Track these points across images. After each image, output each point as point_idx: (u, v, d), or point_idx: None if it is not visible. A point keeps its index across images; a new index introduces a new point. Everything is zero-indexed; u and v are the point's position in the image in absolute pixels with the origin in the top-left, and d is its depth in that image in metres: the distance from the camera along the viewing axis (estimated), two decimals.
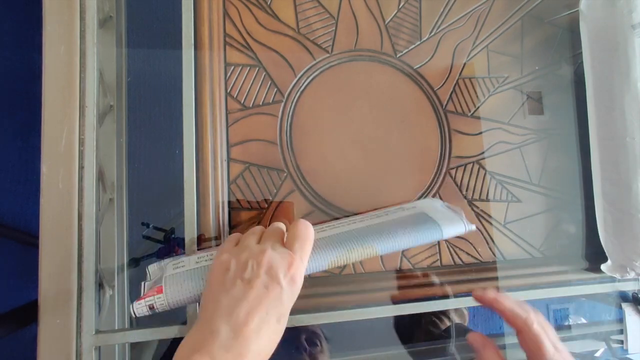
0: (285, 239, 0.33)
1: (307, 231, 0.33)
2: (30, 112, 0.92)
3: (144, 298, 0.33)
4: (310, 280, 0.44)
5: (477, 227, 0.43)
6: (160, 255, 0.62)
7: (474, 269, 0.47)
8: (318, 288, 0.44)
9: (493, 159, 0.50)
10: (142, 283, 0.36)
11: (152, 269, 0.37)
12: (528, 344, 0.35)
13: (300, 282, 0.31)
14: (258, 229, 0.35)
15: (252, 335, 0.27)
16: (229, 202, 0.43)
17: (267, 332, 0.28)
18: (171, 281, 0.34)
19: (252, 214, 0.43)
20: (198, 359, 0.26)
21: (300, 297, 0.43)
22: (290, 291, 0.30)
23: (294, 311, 0.42)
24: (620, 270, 0.48)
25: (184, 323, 0.39)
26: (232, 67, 0.45)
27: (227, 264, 0.31)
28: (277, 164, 0.45)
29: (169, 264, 0.36)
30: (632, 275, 0.48)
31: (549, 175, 0.52)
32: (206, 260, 0.36)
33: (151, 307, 0.33)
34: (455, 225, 0.41)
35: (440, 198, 0.48)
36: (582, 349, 0.52)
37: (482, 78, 0.51)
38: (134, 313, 0.33)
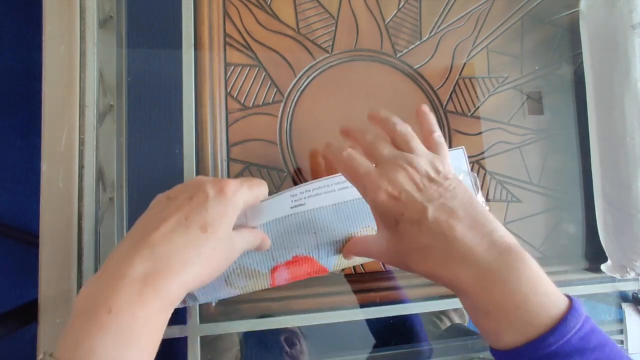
0: None
1: (260, 182, 0.30)
2: (30, 111, 0.92)
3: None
4: (310, 281, 0.44)
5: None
6: None
7: None
8: (318, 288, 0.44)
9: (493, 159, 0.50)
10: None
11: None
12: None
13: (232, 197, 0.26)
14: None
15: (159, 239, 0.24)
16: None
17: (184, 237, 0.24)
18: None
19: None
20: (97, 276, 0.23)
21: (300, 297, 0.43)
22: (217, 200, 0.26)
23: (294, 311, 0.42)
24: (621, 270, 0.48)
25: (184, 323, 0.39)
26: (232, 67, 0.45)
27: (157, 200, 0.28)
28: (277, 164, 0.45)
29: None
30: (632, 275, 0.48)
31: (549, 175, 0.52)
32: None
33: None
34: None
35: None
36: None
37: (482, 78, 0.51)
38: None
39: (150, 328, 0.22)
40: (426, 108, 0.33)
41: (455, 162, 0.39)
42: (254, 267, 0.34)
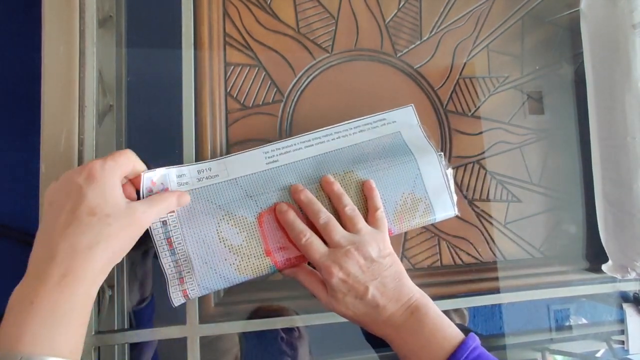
0: None
1: (121, 151, 0.32)
2: (30, 111, 0.91)
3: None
4: None
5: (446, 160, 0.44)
6: None
7: (474, 269, 0.47)
8: None
9: (493, 158, 0.50)
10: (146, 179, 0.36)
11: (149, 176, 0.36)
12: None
13: (102, 174, 0.29)
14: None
15: (60, 238, 0.27)
16: None
17: (79, 227, 0.28)
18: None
19: None
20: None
21: (300, 297, 0.43)
22: (90, 184, 0.29)
23: (294, 312, 0.42)
24: (621, 271, 0.48)
25: (184, 323, 0.39)
26: (232, 67, 0.45)
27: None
28: None
29: (170, 173, 0.37)
30: (633, 275, 0.47)
31: (549, 175, 0.52)
32: (207, 179, 0.38)
33: (164, 224, 0.36)
34: (427, 156, 0.42)
35: None
36: (583, 349, 0.52)
37: (483, 78, 0.51)
38: (150, 229, 0.35)
39: (75, 308, 0.27)
40: (373, 184, 0.39)
41: (406, 117, 0.44)
42: (241, 214, 0.37)
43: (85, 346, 0.36)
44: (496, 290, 0.47)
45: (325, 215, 0.36)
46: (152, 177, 0.36)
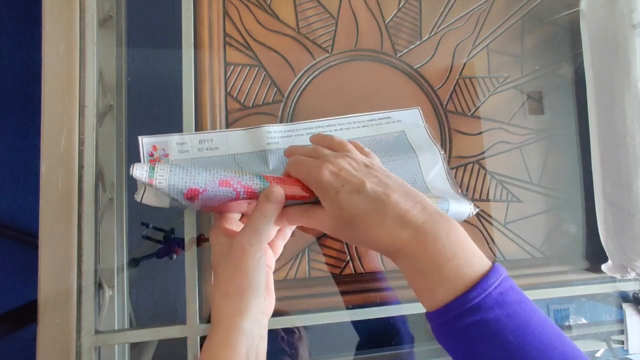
0: None
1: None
2: (30, 111, 0.92)
3: (153, 183, 0.31)
4: (311, 281, 0.44)
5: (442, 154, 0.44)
6: (160, 255, 0.62)
7: None
8: (318, 288, 0.43)
9: (493, 158, 0.50)
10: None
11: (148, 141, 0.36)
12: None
13: (213, 243, 0.33)
14: None
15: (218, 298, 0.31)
16: None
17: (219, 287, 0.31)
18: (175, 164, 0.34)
19: None
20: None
21: (300, 297, 0.43)
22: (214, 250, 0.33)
23: (294, 311, 0.42)
24: (621, 271, 0.48)
25: (184, 323, 0.39)
26: (232, 67, 0.45)
27: None
28: None
29: (172, 140, 0.37)
30: (632, 275, 0.48)
31: (549, 175, 0.52)
32: (208, 149, 0.38)
33: (150, 183, 0.31)
34: (433, 158, 0.43)
35: None
36: (582, 349, 0.52)
37: (483, 78, 0.51)
38: (132, 171, 0.31)
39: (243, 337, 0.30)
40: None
41: (412, 118, 0.44)
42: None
43: (85, 346, 0.36)
44: None
45: (316, 146, 0.35)
46: (152, 142, 0.36)
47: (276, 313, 0.40)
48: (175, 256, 0.60)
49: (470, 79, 0.51)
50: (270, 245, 0.37)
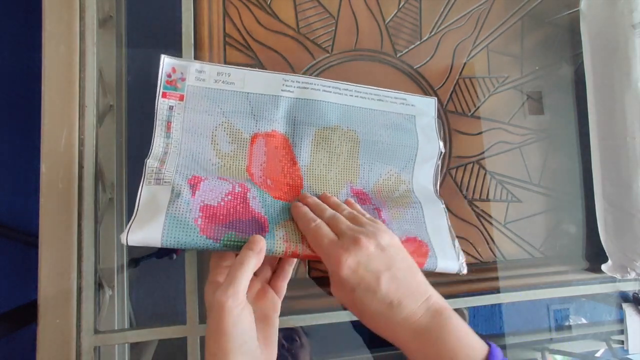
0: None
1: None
2: (30, 111, 0.92)
3: (167, 97, 0.37)
4: (310, 281, 0.44)
5: (441, 148, 0.46)
6: (160, 255, 0.62)
7: (474, 269, 0.47)
8: (318, 288, 0.43)
9: (493, 159, 0.50)
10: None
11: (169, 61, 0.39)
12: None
13: (206, 298, 0.33)
14: None
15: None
16: None
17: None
18: (192, 92, 0.38)
19: None
20: None
21: (300, 297, 0.43)
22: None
23: (294, 311, 0.42)
24: (621, 271, 0.48)
25: (184, 323, 0.39)
26: None
27: None
28: None
29: (191, 66, 0.39)
30: (632, 275, 0.48)
31: (549, 175, 0.52)
32: (224, 83, 0.39)
33: (171, 108, 0.37)
34: (430, 147, 0.44)
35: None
36: (582, 349, 0.52)
37: (482, 78, 0.51)
38: (157, 108, 0.37)
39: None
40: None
41: (426, 106, 0.46)
42: (239, 127, 0.39)
43: (85, 346, 0.36)
44: (496, 290, 0.47)
45: (331, 212, 0.35)
46: (173, 64, 0.38)
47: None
48: (175, 256, 0.60)
49: (470, 79, 0.51)
50: (273, 287, 0.36)
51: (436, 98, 0.47)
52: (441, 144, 0.45)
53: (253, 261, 0.31)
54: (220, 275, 0.33)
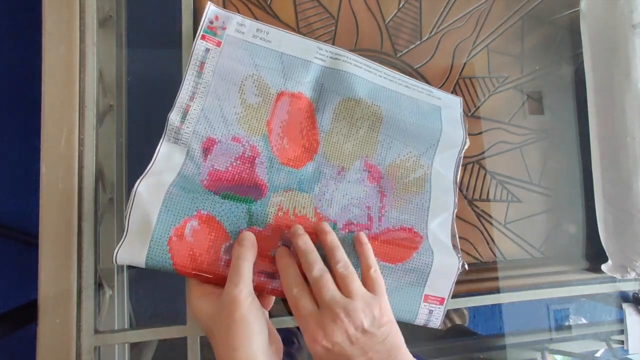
0: None
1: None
2: (30, 112, 0.92)
3: (206, 39, 0.39)
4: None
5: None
6: None
7: (474, 269, 0.47)
8: None
9: (493, 158, 0.50)
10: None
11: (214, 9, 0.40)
12: None
13: (197, 313, 0.33)
14: None
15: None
16: None
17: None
18: (230, 41, 0.39)
19: None
20: None
21: None
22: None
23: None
24: (621, 271, 0.48)
25: (184, 323, 0.39)
26: None
27: None
28: None
29: (234, 18, 0.40)
30: (632, 275, 0.48)
31: (549, 175, 0.52)
32: (261, 39, 0.40)
33: (207, 50, 0.39)
34: (455, 136, 0.44)
35: None
36: (582, 349, 0.52)
37: (482, 78, 0.51)
38: (194, 47, 0.38)
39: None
40: (364, 238, 0.36)
41: (451, 102, 0.46)
42: (268, 82, 0.39)
43: (85, 346, 0.36)
44: (496, 290, 0.47)
45: (319, 269, 0.32)
46: (217, 12, 0.39)
47: (275, 313, 0.40)
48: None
49: (470, 79, 0.51)
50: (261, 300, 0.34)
51: (462, 98, 0.47)
52: (466, 135, 0.45)
53: (250, 253, 0.32)
54: (201, 288, 0.33)
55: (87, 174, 0.38)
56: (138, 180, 0.34)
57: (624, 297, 0.53)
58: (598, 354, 0.54)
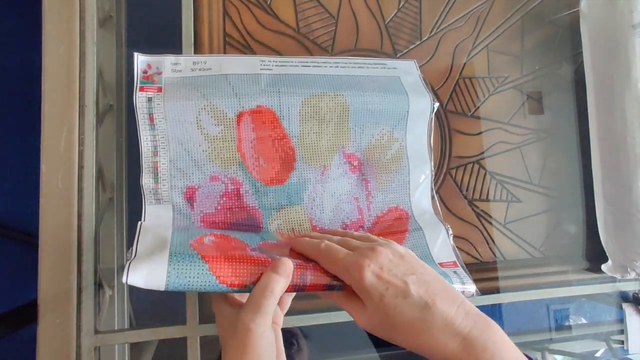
0: None
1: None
2: (30, 112, 0.92)
3: (145, 90, 0.37)
4: None
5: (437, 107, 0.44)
6: None
7: (474, 269, 0.47)
8: None
9: (493, 159, 0.50)
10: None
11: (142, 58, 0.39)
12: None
13: (217, 313, 0.32)
14: None
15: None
16: None
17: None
18: (169, 83, 0.38)
19: None
20: None
21: (300, 297, 0.43)
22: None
23: (294, 311, 0.42)
24: (621, 271, 0.48)
25: (184, 323, 0.39)
26: None
27: None
28: None
29: (166, 60, 0.39)
30: (632, 275, 0.48)
31: (549, 175, 0.52)
32: (200, 70, 0.39)
33: (150, 100, 0.37)
34: (421, 101, 0.43)
35: (441, 199, 0.48)
36: (582, 349, 0.52)
37: (482, 78, 0.51)
38: (135, 101, 0.36)
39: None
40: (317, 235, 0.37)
41: (407, 68, 0.45)
42: (222, 107, 0.38)
43: (85, 346, 0.36)
44: (496, 290, 0.47)
45: (337, 238, 0.33)
46: (147, 61, 0.38)
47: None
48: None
49: (470, 79, 0.51)
50: (279, 302, 0.33)
51: (415, 60, 0.45)
52: (431, 96, 0.43)
53: (281, 285, 0.29)
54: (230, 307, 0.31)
55: (87, 174, 0.38)
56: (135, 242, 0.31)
57: (624, 297, 0.53)
58: (598, 354, 0.54)
